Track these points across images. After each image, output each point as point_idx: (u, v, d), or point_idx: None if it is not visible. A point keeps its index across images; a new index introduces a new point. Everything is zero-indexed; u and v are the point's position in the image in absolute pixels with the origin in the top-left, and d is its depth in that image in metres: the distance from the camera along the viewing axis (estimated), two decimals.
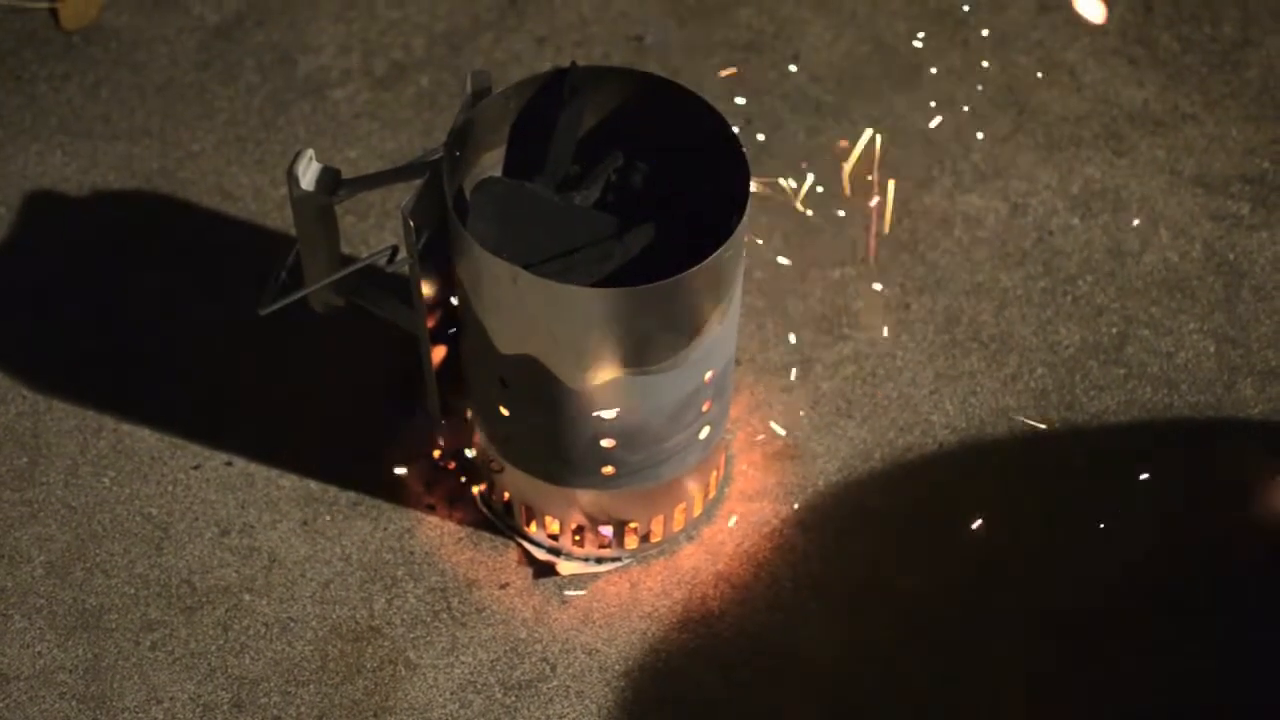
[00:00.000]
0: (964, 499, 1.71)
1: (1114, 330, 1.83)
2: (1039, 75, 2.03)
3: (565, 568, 1.67)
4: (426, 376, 1.62)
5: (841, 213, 1.90)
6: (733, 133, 1.51)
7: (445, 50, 2.05)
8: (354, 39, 2.06)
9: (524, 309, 1.48)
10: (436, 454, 1.72)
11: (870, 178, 1.92)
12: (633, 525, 1.66)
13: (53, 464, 1.73)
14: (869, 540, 1.69)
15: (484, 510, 1.70)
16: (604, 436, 1.55)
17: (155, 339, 1.80)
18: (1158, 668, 1.62)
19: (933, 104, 2.01)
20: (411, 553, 1.68)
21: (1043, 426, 1.76)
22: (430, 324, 1.58)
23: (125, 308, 1.82)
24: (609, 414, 1.53)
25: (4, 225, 1.89)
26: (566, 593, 1.66)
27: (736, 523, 1.70)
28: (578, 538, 1.66)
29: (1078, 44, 2.07)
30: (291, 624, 1.64)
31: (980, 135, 1.98)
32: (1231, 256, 1.89)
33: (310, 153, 1.56)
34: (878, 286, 1.84)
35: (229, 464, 1.73)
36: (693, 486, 1.66)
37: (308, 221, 1.59)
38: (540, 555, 1.67)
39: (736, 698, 1.60)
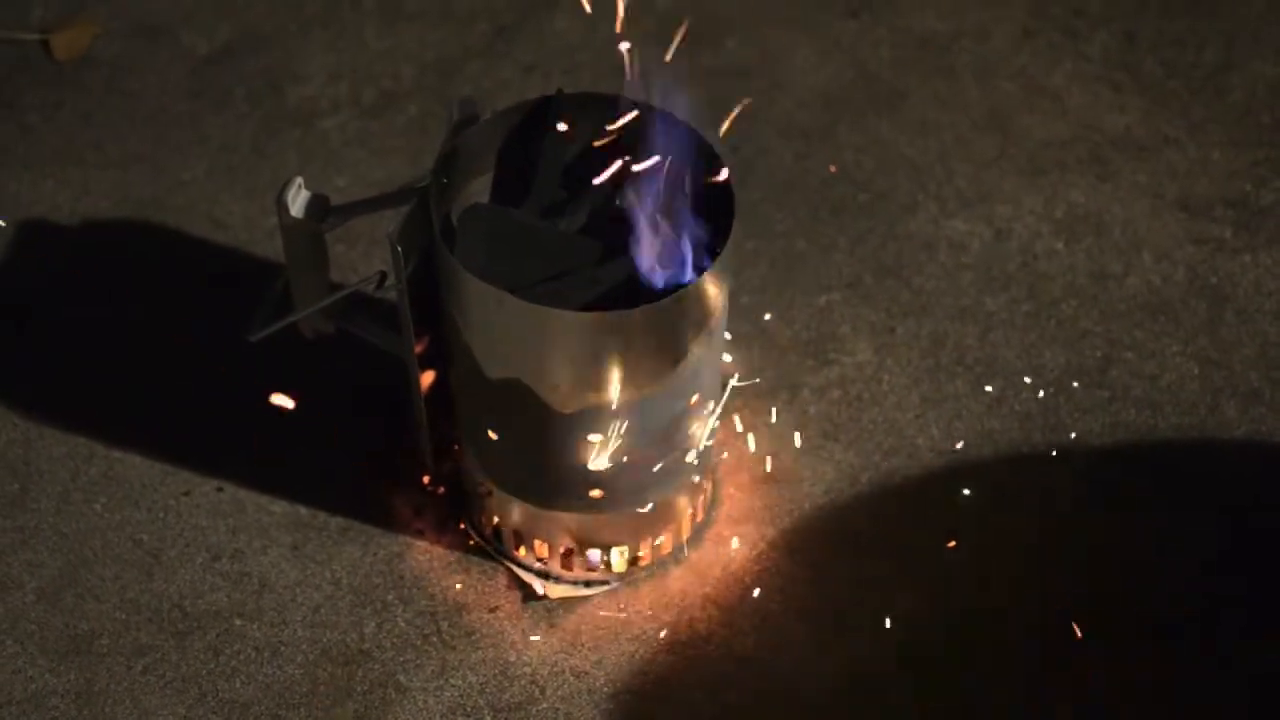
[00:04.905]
0: (950, 522, 1.72)
1: (1098, 353, 1.84)
2: (1022, 100, 2.05)
3: (554, 591, 1.67)
4: (415, 401, 1.63)
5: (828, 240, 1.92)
6: (718, 158, 1.52)
7: (434, 79, 2.07)
8: (344, 68, 2.07)
9: (511, 333, 1.49)
10: (425, 479, 1.73)
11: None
12: (621, 548, 1.67)
13: (44, 490, 1.74)
14: (855, 563, 1.70)
15: (473, 534, 1.71)
16: (591, 460, 1.56)
17: (146, 366, 1.81)
18: (1144, 692, 1.63)
19: (917, 130, 2.02)
20: (401, 577, 1.68)
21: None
22: (418, 349, 1.59)
23: (116, 335, 1.83)
24: (596, 437, 1.54)
25: None
26: (555, 616, 1.67)
27: (724, 546, 1.71)
28: (566, 561, 1.67)
29: (1061, 69, 2.09)
30: (282, 648, 1.64)
31: (964, 161, 1.99)
32: (1214, 279, 1.90)
33: (299, 180, 1.58)
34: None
35: (219, 490, 1.74)
36: (680, 510, 1.67)
37: (297, 248, 1.60)
38: (529, 579, 1.68)
39: None
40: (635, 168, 1.50)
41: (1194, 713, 1.61)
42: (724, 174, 1.51)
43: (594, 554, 1.66)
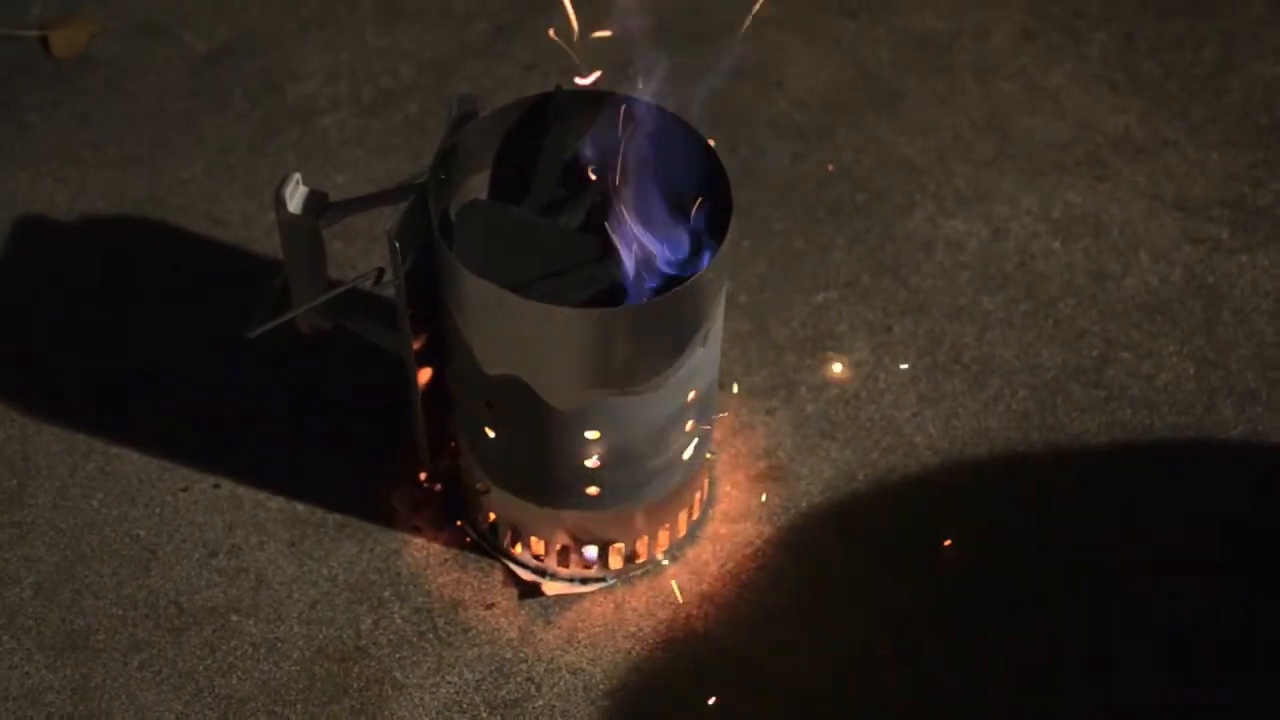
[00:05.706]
0: (946, 520, 1.72)
1: (1095, 353, 1.84)
2: (1021, 101, 2.05)
3: (550, 588, 1.67)
4: (412, 398, 1.64)
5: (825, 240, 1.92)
6: (716, 157, 1.52)
7: (433, 78, 2.07)
8: (342, 67, 2.08)
9: (509, 330, 1.49)
10: (423, 476, 1.73)
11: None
12: (617, 546, 1.67)
13: (41, 486, 1.74)
14: (852, 561, 1.70)
15: (469, 531, 1.71)
16: (588, 457, 1.56)
17: (144, 363, 1.81)
18: (1144, 693, 1.63)
19: (915, 130, 2.02)
20: (398, 573, 1.69)
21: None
22: (416, 346, 1.59)
23: (114, 333, 1.84)
24: (593, 434, 1.54)
25: None
26: (551, 613, 1.67)
27: (720, 543, 1.71)
28: (563, 558, 1.67)
29: (1060, 70, 2.09)
30: (278, 644, 1.64)
31: (962, 161, 2.00)
32: (1211, 280, 1.90)
33: (297, 176, 1.58)
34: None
35: (217, 486, 1.74)
36: (677, 507, 1.67)
37: (295, 245, 1.60)
38: (525, 576, 1.68)
39: (720, 717, 1.61)
40: (631, 166, 1.50)
41: (1194, 713, 1.61)
42: (723, 173, 1.51)
43: (591, 551, 1.66)
